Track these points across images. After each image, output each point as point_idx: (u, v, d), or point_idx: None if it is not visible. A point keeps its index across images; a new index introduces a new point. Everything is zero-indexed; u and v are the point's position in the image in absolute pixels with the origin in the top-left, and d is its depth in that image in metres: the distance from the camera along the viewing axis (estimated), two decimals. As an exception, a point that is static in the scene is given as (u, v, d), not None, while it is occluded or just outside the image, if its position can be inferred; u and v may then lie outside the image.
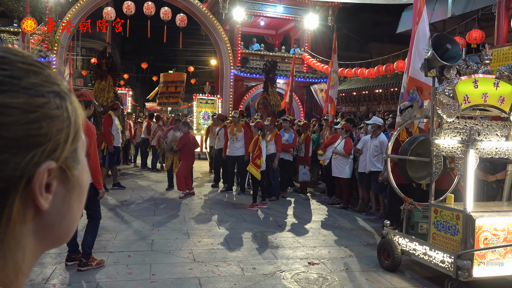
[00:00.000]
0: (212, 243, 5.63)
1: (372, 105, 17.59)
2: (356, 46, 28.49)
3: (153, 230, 6.12)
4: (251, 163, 7.87)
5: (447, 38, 4.47)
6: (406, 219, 5.06)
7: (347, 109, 19.47)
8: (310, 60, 19.46)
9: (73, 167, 0.56)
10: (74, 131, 0.55)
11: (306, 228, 6.69)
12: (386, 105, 16.79)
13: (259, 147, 7.87)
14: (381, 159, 7.41)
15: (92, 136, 4.32)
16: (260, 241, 5.85)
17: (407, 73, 6.52)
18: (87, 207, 4.54)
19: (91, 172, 4.31)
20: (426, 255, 4.50)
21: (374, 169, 7.53)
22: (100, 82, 10.38)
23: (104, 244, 5.35)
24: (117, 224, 6.36)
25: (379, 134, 7.62)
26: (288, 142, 9.37)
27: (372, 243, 5.99)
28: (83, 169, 0.58)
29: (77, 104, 0.57)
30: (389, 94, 16.26)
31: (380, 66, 13.98)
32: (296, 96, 19.95)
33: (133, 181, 10.45)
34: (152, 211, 7.33)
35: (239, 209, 7.89)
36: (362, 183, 8.11)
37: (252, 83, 19.90)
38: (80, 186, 0.58)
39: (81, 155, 0.58)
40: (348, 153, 8.11)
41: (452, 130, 4.35)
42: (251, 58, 19.62)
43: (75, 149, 0.56)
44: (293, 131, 9.62)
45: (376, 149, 7.52)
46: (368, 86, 17.15)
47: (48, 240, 0.56)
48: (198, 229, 6.31)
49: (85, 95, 4.85)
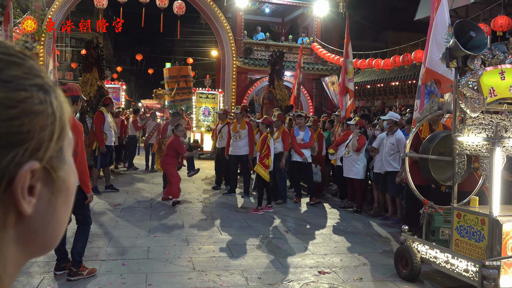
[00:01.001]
0: (213, 250, 5.64)
1: (388, 99, 17.54)
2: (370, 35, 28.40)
3: (149, 236, 6.14)
4: (258, 163, 7.87)
5: (470, 25, 4.44)
6: (426, 224, 5.04)
7: (360, 104, 19.42)
8: (320, 50, 19.44)
9: (58, 168, 0.55)
10: (59, 128, 0.55)
11: (316, 234, 6.69)
12: (403, 99, 16.73)
13: (268, 146, 7.87)
14: (398, 158, 7.39)
15: (80, 134, 4.32)
16: (266, 248, 5.85)
17: (424, 64, 6.49)
18: (76, 211, 4.56)
19: (78, 173, 4.31)
20: (448, 264, 4.48)
21: (390, 169, 7.51)
22: (85, 74, 10.39)
23: (95, 252, 5.37)
24: (110, 230, 6.38)
25: (396, 131, 7.60)
26: (304, 141, 8.94)
27: (388, 250, 5.97)
28: (69, 169, 0.58)
29: (62, 99, 0.57)
30: (406, 87, 16.20)
31: (396, 57, 13.93)
32: (304, 89, 19.93)
33: (127, 183, 10.49)
34: (148, 216, 7.36)
35: (243, 213, 7.89)
36: (377, 185, 8.09)
37: (256, 75, 19.91)
38: (66, 188, 0.57)
39: (68, 154, 0.58)
40: (358, 148, 8.06)
41: (476, 126, 4.33)
42: (255, 48, 19.62)
43: (60, 148, 0.55)
44: (309, 129, 9.15)
45: (393, 148, 7.50)
46: (383, 78, 17.09)
47: (32, 248, 0.55)
48: (198, 235, 6.32)
49: (71, 90, 4.82)
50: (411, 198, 5.68)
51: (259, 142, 8.14)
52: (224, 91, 18.22)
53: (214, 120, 15.91)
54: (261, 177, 7.93)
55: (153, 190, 9.74)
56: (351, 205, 8.58)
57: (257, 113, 17.90)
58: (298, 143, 8.87)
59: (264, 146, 7.87)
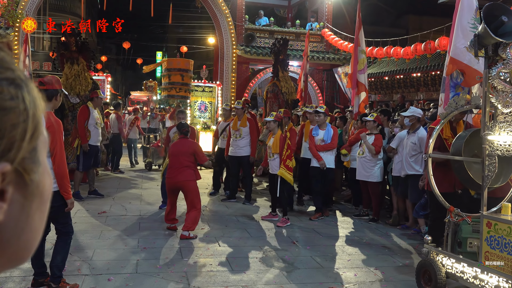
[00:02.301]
0: (211, 264, 5.65)
1: (409, 93, 17.51)
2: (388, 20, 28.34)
3: (138, 248, 6.15)
4: (282, 166, 7.84)
5: (502, 9, 4.43)
6: (452, 235, 5.03)
7: (377, 98, 19.41)
8: (331, 37, 19.43)
9: (32, 170, 0.55)
10: (32, 126, 0.55)
11: (327, 245, 6.69)
12: (426, 92, 16.71)
13: (289, 146, 7.88)
14: (420, 159, 7.38)
15: (57, 133, 4.30)
16: (270, 261, 5.86)
17: (448, 53, 6.48)
18: (55, 220, 4.57)
19: (57, 177, 4.32)
20: (477, 279, 4.47)
21: (411, 172, 7.50)
22: (71, 66, 10.37)
23: (78, 266, 5.38)
24: (94, 241, 6.40)
25: (418, 129, 7.59)
26: (324, 142, 8.32)
27: (409, 264, 5.97)
28: (44, 172, 0.58)
29: (36, 94, 0.57)
30: (429, 78, 16.18)
31: (418, 44, 13.91)
32: (313, 82, 19.92)
33: (113, 188, 10.51)
34: (137, 225, 7.37)
35: (244, 222, 7.90)
36: (396, 190, 8.08)
37: (259, 65, 19.91)
38: (41, 193, 0.58)
39: (42, 155, 0.58)
40: (377, 151, 8.06)
41: (509, 124, 4.31)
42: (258, 35, 19.63)
43: (34, 148, 0.56)
44: (332, 127, 8.56)
45: (414, 148, 7.49)
46: (403, 69, 17.07)
47: (3, 259, 0.56)
48: (193, 247, 6.33)
49: (49, 83, 4.76)
50: (436, 205, 5.68)
51: (275, 142, 8.02)
52: (222, 83, 18.23)
53: (211, 116, 15.91)
54: (284, 181, 7.87)
55: (143, 195, 9.76)
56: (366, 213, 8.57)
57: (260, 108, 17.94)
58: (317, 145, 8.35)
59: (284, 146, 7.86)
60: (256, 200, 9.67)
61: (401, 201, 8.14)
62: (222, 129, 10.24)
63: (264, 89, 14.28)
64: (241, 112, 9.48)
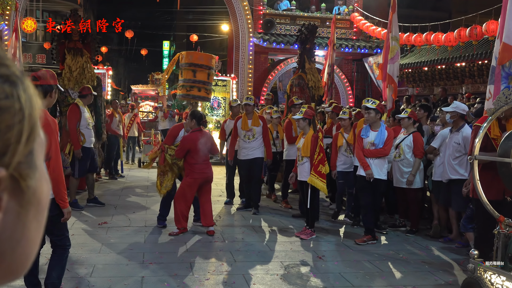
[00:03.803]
0: (225, 282, 5.66)
1: (452, 86, 17.35)
2: (429, 2, 28.10)
3: (144, 263, 6.18)
4: (313, 173, 7.59)
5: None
6: (502, 248, 4.97)
7: (415, 92, 19.26)
8: (362, 22, 19.33)
9: (28, 176, 0.57)
10: (29, 128, 0.56)
11: (358, 261, 6.66)
12: (472, 84, 16.53)
13: (321, 148, 7.64)
14: (465, 162, 7.29)
15: (53, 134, 4.34)
16: (292, 279, 5.85)
17: (500, 39, 6.40)
18: (50, 232, 4.59)
19: (52, 183, 4.34)
20: (531, 300, 4.41)
21: (454, 177, 7.41)
22: (75, 57, 10.37)
23: (76, 283, 5.43)
24: (94, 255, 6.45)
25: (462, 127, 7.50)
26: (376, 146, 7.55)
27: (452, 282, 5.91)
28: (41, 178, 0.60)
29: (32, 92, 0.58)
30: (475, 69, 16.00)
31: (462, 30, 13.77)
32: (342, 73, 19.85)
33: (115, 196, 10.59)
34: (142, 237, 7.42)
35: (262, 233, 7.90)
36: (437, 197, 8.00)
37: (279, 56, 19.91)
38: (38, 200, 0.59)
39: (39, 159, 0.59)
40: (419, 156, 7.98)
41: None
42: (278, 21, 19.63)
43: (30, 152, 0.57)
44: (386, 128, 7.77)
45: (458, 148, 7.41)
46: (445, 58, 16.91)
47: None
48: (205, 262, 6.36)
49: (43, 78, 4.81)
50: (483, 214, 5.62)
51: (306, 144, 7.72)
52: (238, 76, 18.27)
53: (225, 114, 15.91)
54: (315, 190, 7.72)
55: (148, 203, 9.81)
56: (403, 224, 8.51)
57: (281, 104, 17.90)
58: (366, 149, 7.60)
59: (316, 148, 7.58)
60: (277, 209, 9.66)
61: (443, 210, 8.06)
62: (231, 130, 9.94)
63: (285, 83, 14.26)
64: (252, 109, 9.44)
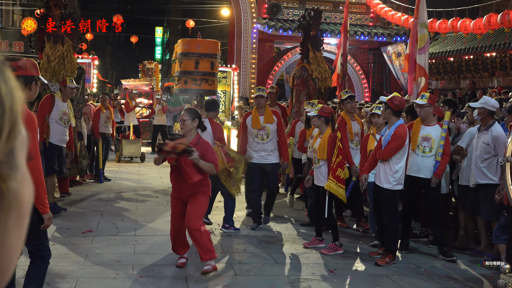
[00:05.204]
0: (224, 298, 5.67)
1: (481, 78, 17.35)
2: (455, -16, 28.06)
3: (133, 277, 6.18)
4: (331, 178, 7.48)
5: None
6: (538, 262, 4.97)
7: (439, 85, 19.27)
8: (380, 7, 19.33)
9: (9, 177, 0.56)
10: (9, 123, 0.55)
11: (374, 275, 6.65)
12: (504, 77, 16.52)
13: (340, 150, 7.52)
14: (495, 164, 7.28)
15: (35, 130, 4.35)
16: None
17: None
18: (28, 241, 4.58)
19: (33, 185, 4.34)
20: None
21: (484, 181, 7.39)
22: (54, 46, 10.38)
23: (56, 298, 5.45)
24: (77, 267, 6.45)
25: (492, 125, 7.47)
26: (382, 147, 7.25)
27: (481, 299, 5.91)
28: (23, 179, 0.59)
29: (14, 84, 0.57)
30: (508, 59, 16.00)
31: (492, 15, 13.74)
32: (356, 64, 19.84)
33: (102, 201, 10.61)
34: (131, 247, 7.42)
35: (266, 244, 7.90)
36: (464, 204, 7.98)
37: (286, 44, 19.95)
38: (19, 205, 0.58)
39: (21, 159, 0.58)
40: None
41: None
42: (285, 4, 19.66)
43: (11, 150, 0.56)
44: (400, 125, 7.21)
45: (487, 149, 7.38)
46: (474, 47, 16.91)
47: None
48: (202, 276, 6.33)
49: (23, 68, 4.83)
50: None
51: (322, 145, 7.60)
52: (240, 67, 18.30)
53: (225, 109, 15.95)
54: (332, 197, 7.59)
55: (138, 210, 9.82)
56: (425, 233, 8.49)
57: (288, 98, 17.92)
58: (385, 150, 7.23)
59: (335, 150, 7.47)
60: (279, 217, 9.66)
61: (470, 219, 8.04)
62: None
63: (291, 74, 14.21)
64: (264, 103, 9.09)
